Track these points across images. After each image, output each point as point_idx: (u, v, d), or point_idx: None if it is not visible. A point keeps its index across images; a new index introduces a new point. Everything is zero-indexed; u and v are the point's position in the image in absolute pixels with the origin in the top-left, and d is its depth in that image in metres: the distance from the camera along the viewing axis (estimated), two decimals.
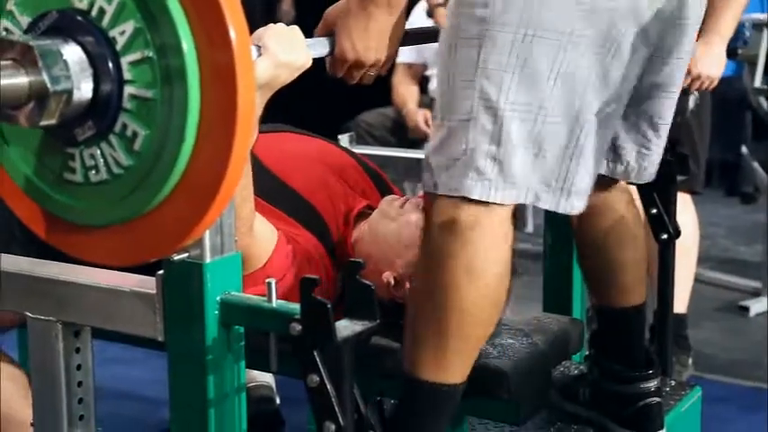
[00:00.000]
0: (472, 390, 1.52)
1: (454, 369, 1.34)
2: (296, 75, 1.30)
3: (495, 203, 1.29)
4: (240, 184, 1.19)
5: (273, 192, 1.59)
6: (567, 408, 1.75)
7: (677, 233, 1.89)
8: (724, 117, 3.80)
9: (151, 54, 1.01)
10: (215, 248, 1.13)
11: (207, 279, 1.12)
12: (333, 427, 1.07)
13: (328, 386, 1.07)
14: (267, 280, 1.12)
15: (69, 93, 1.03)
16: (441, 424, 1.37)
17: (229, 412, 1.16)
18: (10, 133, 1.14)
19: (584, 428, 1.70)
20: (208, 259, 1.12)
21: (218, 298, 1.13)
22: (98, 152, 1.07)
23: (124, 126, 1.04)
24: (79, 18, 1.04)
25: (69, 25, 1.04)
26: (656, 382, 1.63)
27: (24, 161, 1.13)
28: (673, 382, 1.88)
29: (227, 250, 1.14)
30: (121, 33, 1.02)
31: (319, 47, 1.40)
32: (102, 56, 1.03)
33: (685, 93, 2.59)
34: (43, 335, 1.22)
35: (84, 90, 1.03)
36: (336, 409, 1.07)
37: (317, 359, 1.07)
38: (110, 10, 1.03)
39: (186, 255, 1.12)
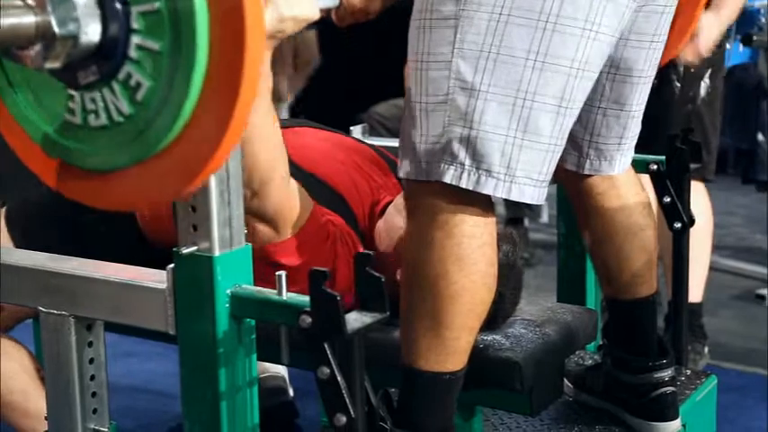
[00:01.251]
0: (485, 380, 1.52)
1: (453, 357, 1.33)
2: (302, 26, 1.30)
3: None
4: (264, 132, 1.18)
5: (307, 184, 1.58)
6: (581, 398, 1.74)
7: (691, 222, 1.87)
8: (740, 104, 3.77)
9: (161, 6, 1.01)
10: (224, 242, 1.13)
11: (217, 272, 1.12)
12: (344, 418, 1.07)
13: (339, 378, 1.07)
14: (277, 273, 1.12)
15: (76, 37, 1.02)
16: (447, 411, 1.37)
17: (241, 405, 1.16)
18: (14, 74, 1.13)
19: (598, 419, 1.69)
20: (217, 252, 1.12)
21: (228, 291, 1.13)
22: (99, 97, 1.07)
23: (128, 75, 1.04)
24: None
25: None
26: (669, 372, 1.62)
27: (27, 103, 1.13)
28: (688, 372, 1.87)
29: (237, 243, 1.14)
30: None
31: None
32: (111, 2, 1.03)
33: (698, 79, 2.57)
34: (56, 329, 1.23)
35: (90, 35, 1.03)
36: (347, 400, 1.07)
37: (328, 351, 1.07)
38: None
39: (195, 248, 1.13)
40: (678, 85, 2.56)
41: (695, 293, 2.64)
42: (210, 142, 1.02)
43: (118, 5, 1.02)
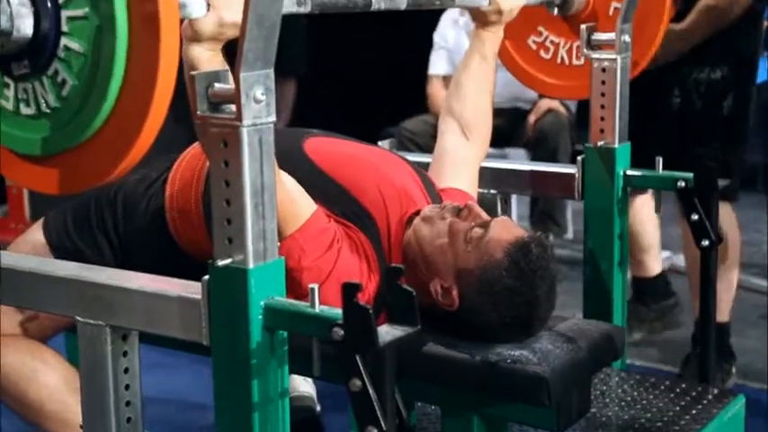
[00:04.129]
0: (513, 395, 1.52)
1: None
2: None
3: None
4: None
5: (329, 193, 1.60)
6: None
7: (719, 239, 1.87)
8: (765, 121, 3.76)
9: (89, 13, 1.10)
10: (258, 254, 1.15)
11: (251, 284, 1.14)
12: (375, 431, 1.09)
13: (370, 390, 1.08)
14: (310, 286, 1.14)
15: (9, 34, 1.11)
16: None
17: (273, 416, 1.18)
18: None
19: None
20: (251, 265, 1.14)
21: (261, 303, 1.15)
22: (30, 88, 1.16)
23: (56, 72, 1.14)
24: None
25: None
26: None
27: None
28: (715, 391, 1.86)
29: (270, 256, 1.16)
30: None
31: None
32: (44, 4, 1.11)
33: (721, 99, 2.58)
34: (92, 338, 1.25)
35: (23, 32, 1.12)
36: (378, 413, 1.08)
37: (359, 364, 1.08)
38: None
39: (230, 260, 1.15)
40: (700, 103, 2.57)
41: (723, 313, 2.64)
42: (124, 143, 1.10)
43: (50, 7, 1.11)
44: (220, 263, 1.15)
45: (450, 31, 3.77)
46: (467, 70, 1.93)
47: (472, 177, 1.90)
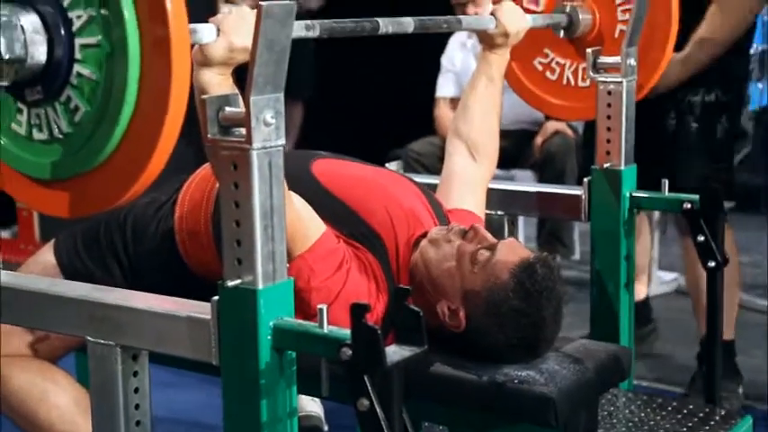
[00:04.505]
0: (520, 416, 1.53)
1: None
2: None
3: None
4: None
5: (337, 214, 1.61)
6: None
7: (725, 260, 1.88)
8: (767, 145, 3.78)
9: (102, 42, 1.11)
10: (267, 275, 1.16)
11: (260, 305, 1.16)
12: None
13: (378, 410, 1.09)
14: (318, 306, 1.15)
15: (23, 61, 1.13)
16: None
17: None
18: None
19: None
20: (261, 286, 1.16)
21: (270, 323, 1.16)
22: (43, 114, 1.17)
23: (69, 98, 1.15)
24: None
25: None
26: None
27: None
28: (722, 411, 1.86)
29: (280, 277, 1.18)
30: (78, 17, 1.12)
31: None
32: (58, 32, 1.13)
33: (715, 122, 2.60)
34: (103, 358, 1.27)
35: (37, 59, 1.13)
36: None
37: (367, 383, 1.10)
38: None
39: (240, 281, 1.16)
40: (695, 125, 2.59)
41: (727, 331, 2.63)
42: (136, 168, 1.12)
43: (63, 34, 1.12)
44: (230, 283, 1.16)
45: (458, 54, 3.80)
46: (474, 92, 1.95)
47: (480, 198, 1.91)
